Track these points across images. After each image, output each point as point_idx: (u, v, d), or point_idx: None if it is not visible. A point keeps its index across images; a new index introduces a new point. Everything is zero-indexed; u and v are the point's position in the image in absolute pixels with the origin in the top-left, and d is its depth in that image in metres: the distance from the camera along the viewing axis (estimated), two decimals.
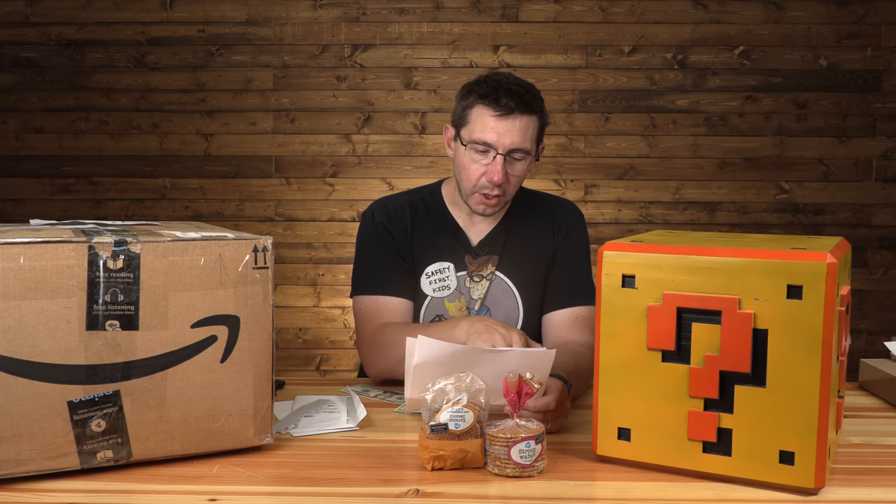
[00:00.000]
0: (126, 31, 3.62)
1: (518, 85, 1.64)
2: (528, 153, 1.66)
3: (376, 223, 1.77)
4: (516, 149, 1.63)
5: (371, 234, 1.78)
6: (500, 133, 1.62)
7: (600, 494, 1.13)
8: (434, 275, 1.75)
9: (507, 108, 1.61)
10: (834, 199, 3.64)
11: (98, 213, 3.69)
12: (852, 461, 1.25)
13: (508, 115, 1.61)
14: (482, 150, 1.64)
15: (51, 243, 1.09)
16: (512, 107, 1.61)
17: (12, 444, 1.09)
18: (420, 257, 1.76)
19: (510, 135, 1.62)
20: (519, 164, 1.66)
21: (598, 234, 3.62)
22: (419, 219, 1.78)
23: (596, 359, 1.21)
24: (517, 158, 1.65)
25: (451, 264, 1.75)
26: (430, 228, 1.77)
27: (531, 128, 1.64)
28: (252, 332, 1.21)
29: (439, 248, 1.76)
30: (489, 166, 1.64)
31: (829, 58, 3.57)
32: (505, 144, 1.62)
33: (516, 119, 1.62)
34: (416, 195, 1.83)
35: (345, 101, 3.65)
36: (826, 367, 1.07)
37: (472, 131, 1.65)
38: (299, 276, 3.72)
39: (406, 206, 1.79)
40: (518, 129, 1.62)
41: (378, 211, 1.79)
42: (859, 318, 3.64)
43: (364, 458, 1.25)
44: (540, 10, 3.59)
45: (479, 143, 1.63)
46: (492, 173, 1.63)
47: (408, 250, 1.76)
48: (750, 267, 1.11)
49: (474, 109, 1.65)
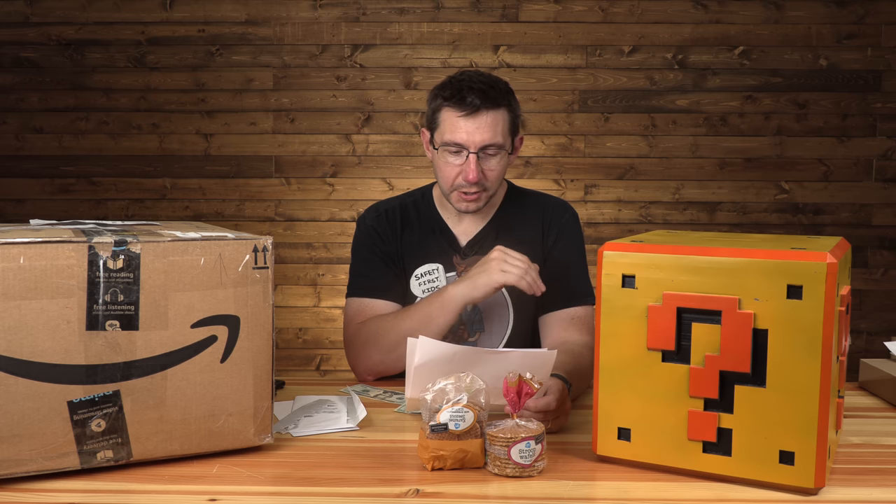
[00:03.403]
0: (126, 31, 3.62)
1: (482, 82, 1.65)
2: (501, 147, 1.67)
3: (367, 227, 1.81)
4: (488, 145, 1.65)
5: (362, 238, 1.81)
6: (470, 132, 1.64)
7: (600, 494, 1.13)
8: (423, 276, 1.75)
9: (472, 107, 1.63)
10: (834, 199, 3.64)
11: (98, 213, 3.69)
12: (852, 461, 1.25)
13: (475, 114, 1.63)
14: (454, 150, 1.66)
15: (51, 243, 1.09)
16: (477, 104, 1.62)
17: (12, 444, 1.09)
18: (409, 259, 1.77)
19: (479, 132, 1.64)
20: (493, 160, 1.68)
21: (598, 234, 3.62)
22: (409, 221, 1.80)
23: (596, 359, 1.21)
24: (491, 154, 1.67)
25: (440, 265, 1.75)
26: (419, 230, 1.79)
27: (500, 122, 1.66)
28: (252, 332, 1.21)
29: (428, 249, 1.77)
30: (463, 165, 1.66)
31: (829, 58, 3.57)
32: (475, 143, 1.64)
33: (483, 116, 1.63)
34: (409, 198, 1.85)
35: (345, 101, 3.65)
36: (826, 367, 1.07)
37: (442, 133, 1.67)
38: (299, 276, 3.72)
39: (397, 209, 1.82)
40: (487, 125, 1.64)
41: (369, 215, 1.83)
42: (859, 318, 3.64)
43: (364, 458, 1.25)
44: (540, 10, 3.59)
45: (450, 144, 1.66)
46: (466, 172, 1.66)
47: (397, 253, 1.78)
48: (750, 267, 1.11)
49: (442, 112, 1.67)
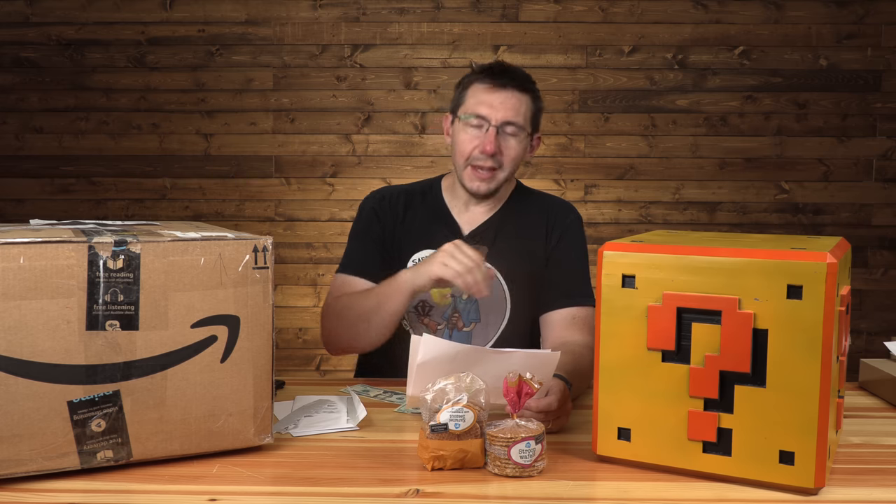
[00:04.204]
0: (126, 31, 3.62)
1: (515, 69, 1.73)
2: (522, 129, 1.71)
3: (368, 209, 1.83)
4: (509, 122, 1.69)
5: (359, 219, 1.84)
6: (494, 106, 1.68)
7: (600, 494, 1.13)
8: (420, 261, 1.74)
9: (500, 82, 1.68)
10: (834, 199, 3.64)
11: (98, 213, 3.69)
12: (852, 461, 1.25)
13: (502, 89, 1.68)
14: (476, 123, 1.70)
15: (51, 243, 1.09)
16: (506, 81, 1.69)
17: (12, 444, 1.09)
18: (408, 243, 1.79)
19: (503, 108, 1.68)
20: (512, 140, 1.71)
21: (598, 234, 3.62)
22: (413, 207, 1.82)
23: (596, 359, 1.21)
24: (510, 133, 1.70)
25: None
26: (422, 216, 1.81)
27: (524, 105, 1.71)
28: (252, 332, 1.21)
29: (429, 235, 1.78)
30: (482, 138, 1.69)
31: (829, 58, 3.57)
32: (498, 118, 1.68)
33: (510, 93, 1.68)
34: (416, 186, 1.88)
35: (345, 101, 3.65)
36: (826, 367, 1.07)
37: (466, 108, 1.72)
38: (299, 276, 3.72)
39: (402, 195, 1.84)
40: (511, 103, 1.68)
41: (373, 198, 1.85)
42: (859, 318, 3.63)
43: (364, 458, 1.25)
44: (540, 10, 3.59)
45: (472, 115, 1.70)
46: (484, 143, 1.68)
47: (395, 237, 1.79)
48: (750, 267, 1.11)
49: (470, 88, 1.72)
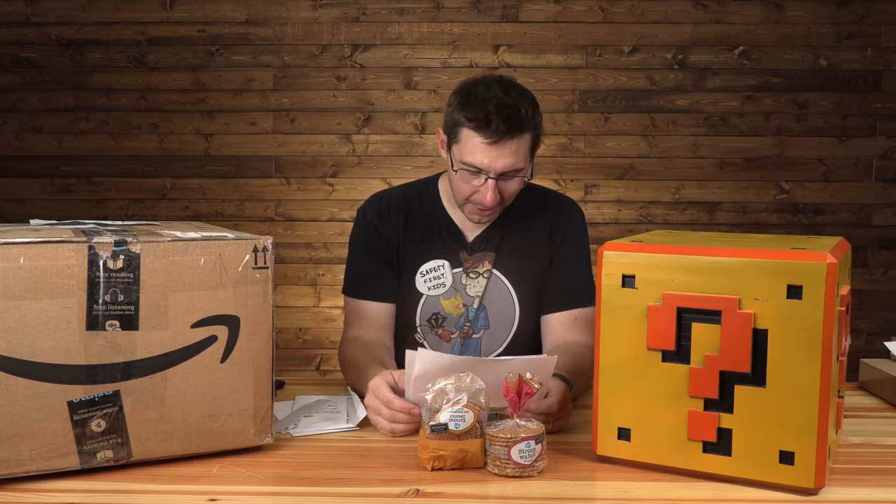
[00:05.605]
0: (126, 31, 3.62)
1: (509, 105, 1.54)
2: (522, 169, 1.61)
3: (367, 222, 1.76)
4: (509, 171, 1.59)
5: (360, 235, 1.77)
6: (492, 158, 1.56)
7: (600, 494, 1.13)
8: (429, 273, 1.74)
9: (497, 134, 1.54)
10: (834, 199, 3.64)
11: (98, 213, 3.69)
12: (852, 461, 1.25)
13: (499, 141, 1.55)
14: (474, 171, 1.59)
15: (51, 243, 1.09)
16: (503, 131, 1.54)
17: (12, 444, 1.09)
18: (414, 256, 1.74)
19: (501, 159, 1.56)
20: (512, 182, 1.62)
21: (598, 234, 3.62)
22: (413, 216, 1.76)
23: (596, 359, 1.21)
24: (510, 176, 1.61)
25: (445, 261, 1.74)
26: (424, 225, 1.76)
27: (523, 147, 1.58)
28: (252, 332, 1.21)
29: (434, 245, 1.75)
30: (481, 187, 1.60)
31: (829, 58, 3.57)
32: (496, 168, 1.57)
33: (507, 143, 1.55)
34: (412, 189, 1.80)
35: (345, 101, 3.65)
36: (826, 367, 1.07)
37: (462, 153, 1.59)
38: (299, 276, 3.72)
39: (400, 201, 1.77)
40: (510, 152, 1.56)
41: (370, 209, 1.78)
42: (859, 318, 3.63)
43: (364, 458, 1.25)
44: (540, 10, 3.59)
45: (469, 165, 1.59)
46: (483, 195, 1.60)
47: (399, 250, 1.75)
48: (750, 267, 1.11)
49: (463, 131, 1.58)
